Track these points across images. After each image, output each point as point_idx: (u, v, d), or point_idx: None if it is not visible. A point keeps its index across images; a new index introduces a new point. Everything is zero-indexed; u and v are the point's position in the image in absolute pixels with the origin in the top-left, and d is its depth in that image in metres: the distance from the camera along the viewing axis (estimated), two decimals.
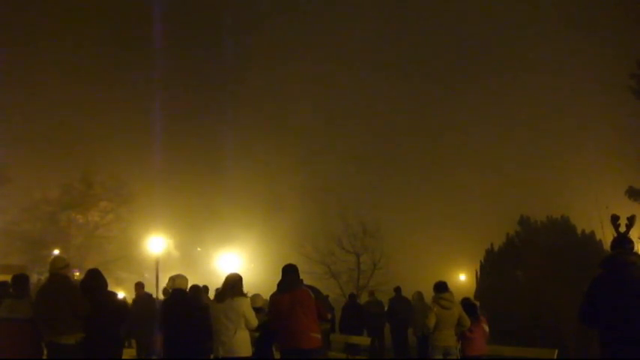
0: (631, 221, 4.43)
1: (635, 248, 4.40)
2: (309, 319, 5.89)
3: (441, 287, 7.91)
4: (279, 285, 6.12)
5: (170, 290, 7.63)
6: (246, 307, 6.11)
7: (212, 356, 6.45)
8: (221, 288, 6.50)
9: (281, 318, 5.90)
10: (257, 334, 6.74)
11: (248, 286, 6.74)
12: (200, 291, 10.07)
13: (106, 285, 6.63)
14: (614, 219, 4.46)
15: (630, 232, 4.42)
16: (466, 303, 8.28)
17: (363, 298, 17.92)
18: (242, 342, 6.05)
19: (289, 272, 6.13)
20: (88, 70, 39.16)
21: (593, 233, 16.41)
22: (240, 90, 45.52)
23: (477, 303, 8.81)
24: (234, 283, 6.30)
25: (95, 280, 6.55)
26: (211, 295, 10.13)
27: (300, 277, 6.28)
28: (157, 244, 24.57)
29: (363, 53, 46.03)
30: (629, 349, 3.89)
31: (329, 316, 7.82)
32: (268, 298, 7.81)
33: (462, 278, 32.13)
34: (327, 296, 12.03)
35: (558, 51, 38.58)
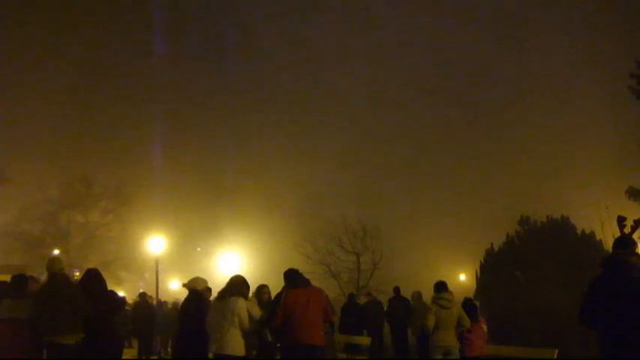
0: (637, 223, 4.42)
1: (637, 249, 4.39)
2: (319, 317, 6.04)
3: (441, 287, 7.90)
4: (293, 282, 6.20)
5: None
6: (240, 306, 6.13)
7: (211, 354, 6.48)
8: (224, 287, 6.55)
9: (296, 313, 5.92)
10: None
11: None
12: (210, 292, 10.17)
13: (105, 285, 6.63)
14: (621, 220, 4.45)
15: (633, 234, 4.40)
16: (467, 304, 8.26)
17: (361, 300, 17.86)
18: (233, 341, 6.06)
19: (296, 273, 6.29)
20: (88, 70, 39.16)
21: (593, 233, 16.36)
22: (241, 90, 45.53)
23: (477, 303, 8.78)
24: (235, 284, 6.36)
25: (94, 280, 6.55)
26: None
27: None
28: (156, 244, 24.54)
29: (367, 56, 46.01)
30: (627, 350, 3.88)
31: (334, 317, 7.89)
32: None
33: (462, 278, 32.14)
34: (327, 296, 12.02)
35: (558, 51, 38.59)
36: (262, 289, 7.24)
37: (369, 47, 46.57)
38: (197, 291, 7.43)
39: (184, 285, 7.71)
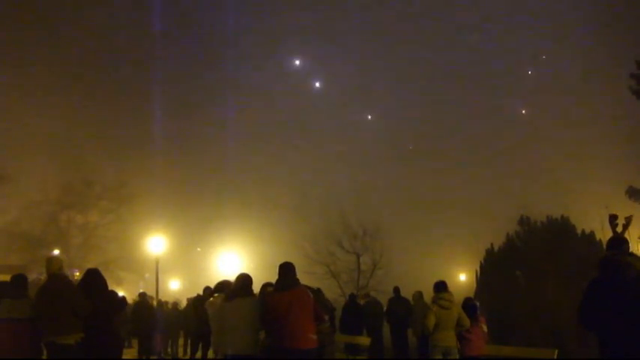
0: (628, 221, 4.41)
1: (635, 248, 4.39)
2: (307, 319, 5.83)
3: (440, 287, 7.89)
4: (277, 283, 6.04)
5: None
6: (255, 307, 6.10)
7: (220, 355, 6.46)
8: (232, 287, 6.50)
9: (279, 317, 5.78)
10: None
11: None
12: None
13: (105, 284, 6.61)
14: (612, 218, 4.44)
15: (629, 232, 4.40)
16: (468, 304, 8.25)
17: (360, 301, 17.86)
18: (250, 341, 6.03)
19: (287, 270, 6.04)
20: (88, 71, 39.16)
21: (593, 233, 16.37)
22: (240, 89, 45.51)
23: (477, 303, 8.77)
24: (243, 283, 6.31)
25: (93, 279, 6.53)
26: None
27: (297, 277, 6.21)
28: (156, 244, 24.55)
29: (369, 51, 45.97)
30: (626, 350, 3.89)
31: (326, 317, 7.76)
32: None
33: (462, 278, 32.15)
34: (323, 295, 11.97)
35: (558, 51, 38.57)
36: (267, 287, 7.11)
37: (368, 49, 46.56)
38: None
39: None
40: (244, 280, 6.35)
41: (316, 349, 5.93)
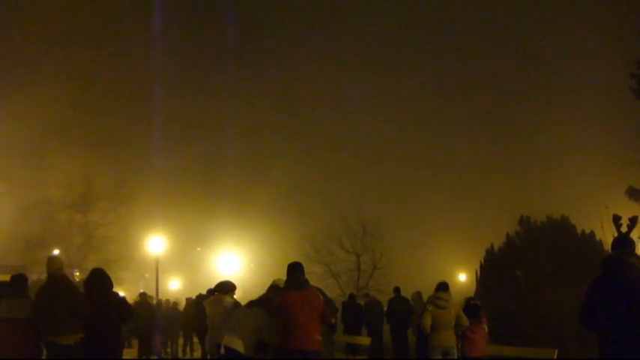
0: (633, 222, 4.39)
1: (636, 249, 4.38)
2: (315, 321, 5.85)
3: (440, 287, 7.90)
4: (288, 283, 6.04)
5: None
6: (262, 317, 6.12)
7: (213, 345, 6.49)
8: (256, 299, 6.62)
9: (288, 317, 5.79)
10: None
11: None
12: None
13: (110, 285, 6.58)
14: (616, 219, 4.42)
15: (631, 233, 4.38)
16: (469, 304, 8.25)
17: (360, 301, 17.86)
18: (247, 341, 6.01)
19: (298, 271, 6.04)
20: (89, 70, 39.18)
21: (593, 233, 16.34)
22: (240, 90, 45.56)
23: (479, 303, 8.76)
24: (264, 297, 6.47)
25: (99, 279, 6.51)
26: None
27: (306, 277, 6.22)
28: (156, 244, 24.57)
29: (370, 50, 45.99)
30: (628, 350, 3.88)
31: (333, 320, 7.73)
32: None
33: (462, 278, 32.17)
34: (329, 298, 11.98)
35: (558, 51, 38.62)
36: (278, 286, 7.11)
37: (373, 50, 46.64)
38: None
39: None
40: (266, 293, 6.56)
41: (321, 351, 5.96)
